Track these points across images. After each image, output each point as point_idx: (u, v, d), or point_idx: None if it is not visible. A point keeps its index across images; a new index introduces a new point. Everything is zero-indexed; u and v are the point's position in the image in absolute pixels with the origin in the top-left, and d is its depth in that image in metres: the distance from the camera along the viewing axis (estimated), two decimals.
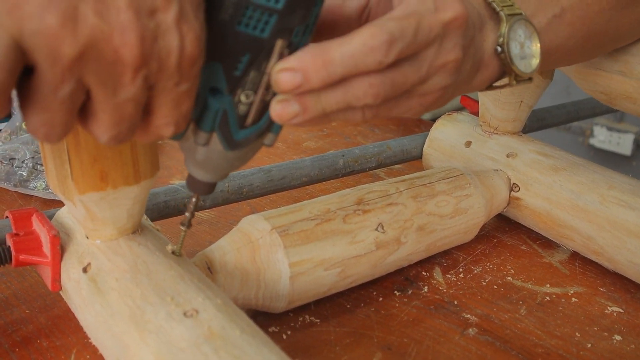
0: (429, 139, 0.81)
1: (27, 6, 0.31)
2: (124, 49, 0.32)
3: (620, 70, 0.64)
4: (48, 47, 0.31)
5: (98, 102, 0.34)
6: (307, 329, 0.56)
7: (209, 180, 0.44)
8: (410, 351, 0.54)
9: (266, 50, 0.38)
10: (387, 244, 0.59)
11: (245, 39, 0.37)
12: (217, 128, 0.40)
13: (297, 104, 0.39)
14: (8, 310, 0.56)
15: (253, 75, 0.38)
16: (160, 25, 0.33)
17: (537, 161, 0.70)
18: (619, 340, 0.56)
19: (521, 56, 0.48)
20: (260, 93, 0.39)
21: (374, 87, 0.39)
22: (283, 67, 0.38)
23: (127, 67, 0.33)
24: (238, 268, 0.52)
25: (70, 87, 0.33)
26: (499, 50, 0.47)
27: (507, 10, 0.47)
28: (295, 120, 0.40)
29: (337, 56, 0.37)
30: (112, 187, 0.46)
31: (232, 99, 0.39)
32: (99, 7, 0.32)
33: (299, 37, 0.38)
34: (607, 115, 2.18)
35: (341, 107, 0.40)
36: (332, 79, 0.38)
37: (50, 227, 0.50)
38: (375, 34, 0.38)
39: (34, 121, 0.34)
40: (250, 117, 0.40)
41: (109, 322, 0.44)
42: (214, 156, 0.42)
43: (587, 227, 0.65)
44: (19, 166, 0.79)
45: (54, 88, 0.33)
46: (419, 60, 0.41)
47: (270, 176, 0.70)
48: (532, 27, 0.49)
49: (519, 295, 0.62)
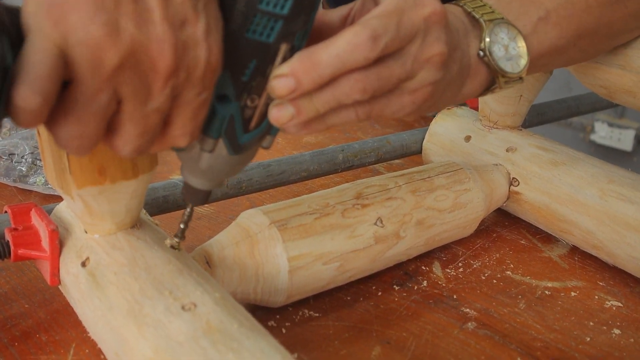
0: (429, 134, 0.81)
1: (72, 17, 0.32)
2: (159, 59, 0.34)
3: (620, 64, 0.64)
4: (91, 57, 0.33)
5: (127, 113, 0.36)
6: (306, 323, 0.56)
7: (207, 188, 0.45)
8: (409, 345, 0.54)
9: (271, 55, 0.39)
10: (386, 239, 0.59)
11: (253, 45, 0.38)
12: (223, 134, 0.41)
13: (291, 107, 0.41)
14: (7, 304, 0.56)
15: (258, 80, 0.40)
16: (190, 37, 0.35)
17: (537, 155, 0.70)
18: (618, 334, 0.56)
19: (507, 58, 0.49)
20: (265, 96, 0.41)
21: (359, 82, 0.40)
22: (276, 74, 0.39)
23: (159, 77, 0.35)
24: (237, 262, 0.52)
25: (106, 98, 0.34)
26: (481, 54, 0.48)
27: (487, 17, 0.49)
28: (292, 122, 0.41)
29: (324, 57, 0.39)
30: (110, 182, 0.46)
31: (238, 104, 0.40)
32: (137, 19, 0.33)
33: (300, 40, 0.40)
34: (607, 111, 2.18)
35: (333, 106, 0.41)
36: (322, 80, 0.40)
37: (49, 222, 0.50)
38: (358, 32, 0.39)
39: (67, 133, 0.35)
40: (254, 121, 0.42)
41: (107, 316, 0.44)
42: (217, 162, 0.43)
43: (586, 221, 0.65)
44: (19, 161, 0.79)
45: (91, 98, 0.34)
46: (403, 55, 0.42)
47: (270, 171, 0.70)
48: (515, 29, 0.50)
49: (518, 289, 0.62)
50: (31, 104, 0.32)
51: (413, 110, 0.45)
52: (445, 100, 0.48)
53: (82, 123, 0.35)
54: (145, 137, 0.37)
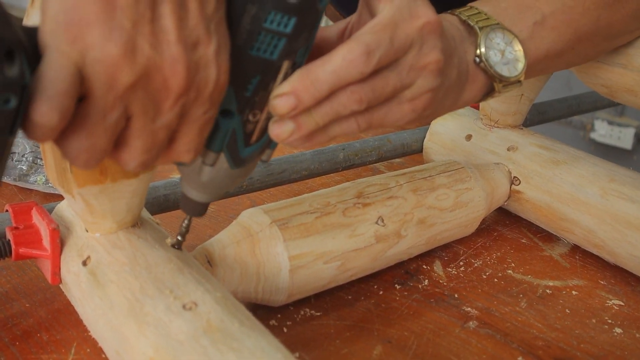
0: (430, 133, 0.81)
1: (89, 36, 0.33)
2: (172, 79, 0.35)
3: (621, 62, 0.64)
4: (106, 75, 0.34)
5: (135, 129, 0.37)
6: (307, 322, 0.56)
7: (206, 201, 0.46)
8: (411, 344, 0.54)
9: (274, 71, 0.40)
10: (387, 238, 0.58)
11: (257, 62, 0.39)
12: (225, 147, 0.42)
13: (291, 122, 0.42)
14: (8, 304, 0.56)
15: (261, 95, 0.40)
16: (202, 58, 0.36)
17: (538, 154, 0.70)
18: (619, 333, 0.56)
19: (503, 62, 0.50)
20: (266, 111, 0.41)
21: (355, 93, 0.41)
22: (277, 93, 0.40)
23: (170, 96, 0.36)
24: (238, 261, 0.52)
25: (118, 114, 0.35)
26: (477, 60, 0.49)
27: (482, 23, 0.50)
28: (293, 137, 0.42)
29: (321, 74, 0.40)
30: (111, 180, 0.46)
31: (241, 118, 0.41)
32: (153, 40, 0.34)
33: (301, 57, 0.41)
34: (607, 110, 2.18)
35: (332, 118, 0.42)
36: (321, 95, 0.41)
37: (50, 221, 0.49)
38: (352, 48, 0.40)
39: (77, 148, 0.35)
40: (255, 135, 0.42)
41: (108, 314, 0.44)
42: (218, 175, 0.43)
43: (588, 220, 0.64)
44: (19, 160, 0.79)
45: (103, 114, 0.35)
46: (399, 65, 0.43)
47: (270, 170, 0.70)
48: (511, 34, 0.51)
49: (519, 288, 0.62)
50: (49, 120, 0.33)
51: (414, 119, 0.46)
52: (446, 107, 0.49)
53: (92, 138, 0.35)
54: (152, 152, 0.38)
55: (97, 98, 0.34)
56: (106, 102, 0.34)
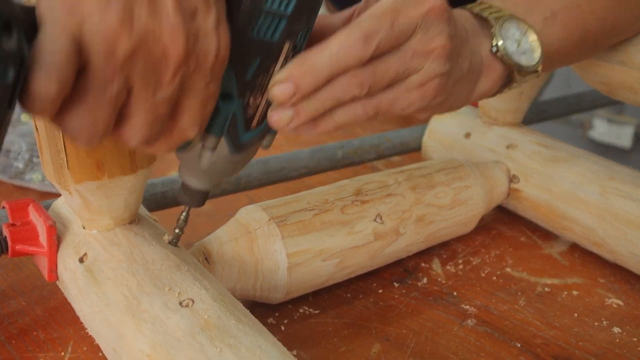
0: (429, 131, 0.81)
1: (86, 6, 0.33)
2: (171, 47, 0.35)
3: (621, 60, 0.63)
4: (105, 44, 0.33)
5: (137, 102, 0.36)
6: (305, 320, 0.55)
7: (206, 189, 0.45)
8: (409, 342, 0.53)
9: (274, 54, 0.40)
10: (386, 235, 0.58)
11: (257, 44, 0.39)
12: (225, 132, 0.41)
13: (289, 109, 0.41)
14: (4, 301, 0.55)
15: (261, 78, 0.40)
16: (201, 28, 0.36)
17: (537, 152, 0.70)
18: (618, 332, 0.56)
19: (521, 52, 0.49)
20: (266, 95, 0.41)
21: (355, 77, 0.41)
22: (275, 81, 0.40)
23: (169, 66, 0.35)
24: (236, 258, 0.52)
25: (118, 86, 0.35)
26: (494, 50, 0.49)
27: (495, 15, 0.49)
28: (292, 124, 0.42)
29: (319, 60, 0.40)
30: (108, 177, 0.46)
31: (241, 102, 0.41)
32: (150, 9, 0.34)
33: (302, 40, 0.41)
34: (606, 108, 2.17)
35: (333, 103, 0.42)
36: (320, 81, 0.41)
37: (47, 217, 0.49)
38: (350, 33, 0.40)
39: (79, 123, 0.35)
40: (256, 119, 0.42)
41: (105, 311, 0.44)
42: (218, 161, 0.43)
43: (587, 218, 0.64)
44: (15, 158, 0.79)
45: (103, 86, 0.34)
46: (401, 50, 0.42)
47: (269, 167, 0.70)
48: (525, 24, 0.50)
49: (518, 286, 0.62)
50: (48, 90, 0.32)
51: (423, 106, 0.45)
52: (460, 98, 0.48)
53: (93, 112, 0.35)
54: (154, 126, 0.38)
55: (96, 69, 0.34)
56: (105, 73, 0.34)
